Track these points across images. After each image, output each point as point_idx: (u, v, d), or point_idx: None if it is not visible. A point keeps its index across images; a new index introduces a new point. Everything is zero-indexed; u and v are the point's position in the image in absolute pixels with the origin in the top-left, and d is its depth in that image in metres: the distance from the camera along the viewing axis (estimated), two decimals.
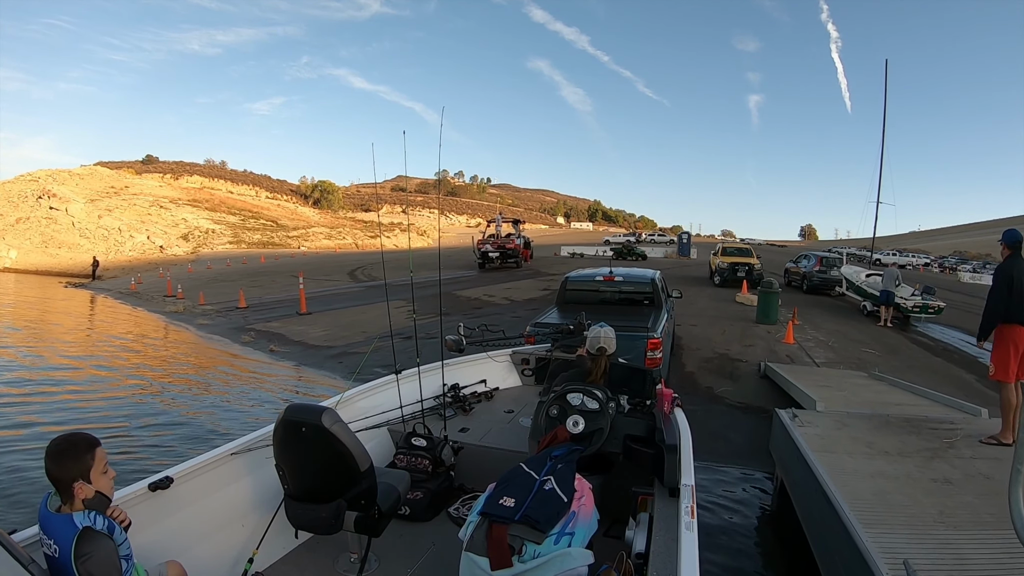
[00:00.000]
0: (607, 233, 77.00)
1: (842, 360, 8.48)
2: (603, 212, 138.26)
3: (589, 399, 2.69)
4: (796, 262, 19.32)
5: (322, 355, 9.20)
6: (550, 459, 2.22)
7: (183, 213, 53.97)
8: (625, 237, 61.84)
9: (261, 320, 13.13)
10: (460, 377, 4.28)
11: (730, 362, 8.05)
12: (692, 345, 8.90)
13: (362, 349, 9.35)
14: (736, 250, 19.93)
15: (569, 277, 7.36)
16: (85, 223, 44.52)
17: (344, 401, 3.28)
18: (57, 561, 1.53)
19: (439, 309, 5.63)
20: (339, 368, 8.34)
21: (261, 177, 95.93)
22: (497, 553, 1.76)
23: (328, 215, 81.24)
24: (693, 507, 1.98)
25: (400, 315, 12.52)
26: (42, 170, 56.12)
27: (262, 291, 18.77)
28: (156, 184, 63.72)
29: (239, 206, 66.05)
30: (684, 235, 39.86)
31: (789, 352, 8.80)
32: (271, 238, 53.28)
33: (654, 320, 5.95)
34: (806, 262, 18.52)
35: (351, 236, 58.79)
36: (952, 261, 49.14)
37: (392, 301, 14.93)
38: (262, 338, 11.01)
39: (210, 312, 15.34)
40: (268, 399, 7.23)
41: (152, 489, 2.17)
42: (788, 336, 9.47)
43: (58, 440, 1.63)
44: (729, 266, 17.87)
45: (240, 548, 2.40)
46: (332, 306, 14.68)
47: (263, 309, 15.02)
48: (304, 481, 2.29)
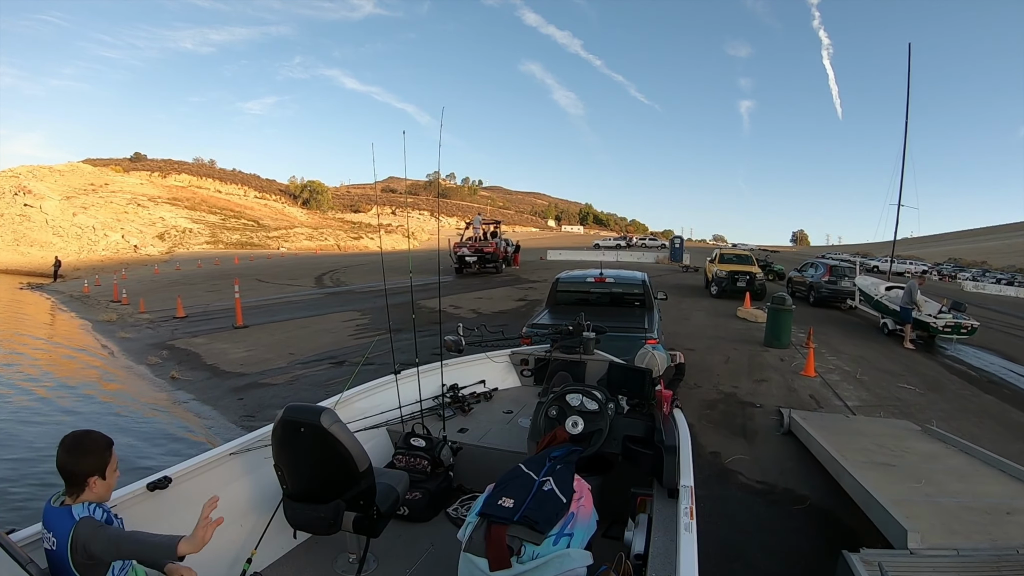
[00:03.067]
0: (598, 236, 75.49)
1: (878, 401, 6.74)
2: (594, 215, 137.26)
3: (588, 400, 2.69)
4: (801, 271, 17.59)
5: (226, 387, 7.33)
6: (549, 460, 2.23)
7: (161, 212, 51.90)
8: (615, 240, 60.55)
9: (188, 334, 11.24)
10: (459, 377, 4.20)
11: (740, 407, 6.23)
12: (690, 378, 7.11)
13: (278, 378, 7.50)
14: (735, 257, 18.10)
15: (560, 278, 7.29)
16: (59, 221, 42.80)
17: (343, 401, 3.25)
18: (55, 554, 1.53)
19: (395, 324, 4.51)
20: (233, 408, 6.47)
21: (250, 176, 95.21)
22: (496, 554, 1.76)
23: (316, 215, 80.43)
24: (692, 508, 1.97)
25: (347, 330, 10.79)
26: (24, 166, 54.61)
27: (217, 296, 16.87)
28: (137, 182, 61.64)
29: (221, 205, 64.06)
30: (676, 239, 37.65)
31: (811, 389, 7.05)
32: (250, 238, 51.16)
33: (649, 321, 5.98)
34: (813, 271, 16.78)
35: (333, 238, 56.69)
36: (948, 268, 47.62)
37: (345, 312, 13.17)
38: (172, 359, 9.13)
39: (143, 322, 13.44)
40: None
41: (150, 489, 2.16)
42: (808, 367, 7.71)
43: (78, 435, 1.65)
44: (728, 275, 16.07)
45: (238, 548, 2.37)
46: (277, 316, 12.79)
47: (201, 320, 13.13)
48: (303, 481, 2.27)
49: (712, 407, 6.22)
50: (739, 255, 18.33)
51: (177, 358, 9.22)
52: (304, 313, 13.13)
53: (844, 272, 15.75)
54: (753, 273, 15.97)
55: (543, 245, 55.01)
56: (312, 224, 66.65)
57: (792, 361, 8.35)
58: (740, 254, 18.49)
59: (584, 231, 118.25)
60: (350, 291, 17.64)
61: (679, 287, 19.37)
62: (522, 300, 14.12)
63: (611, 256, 37.65)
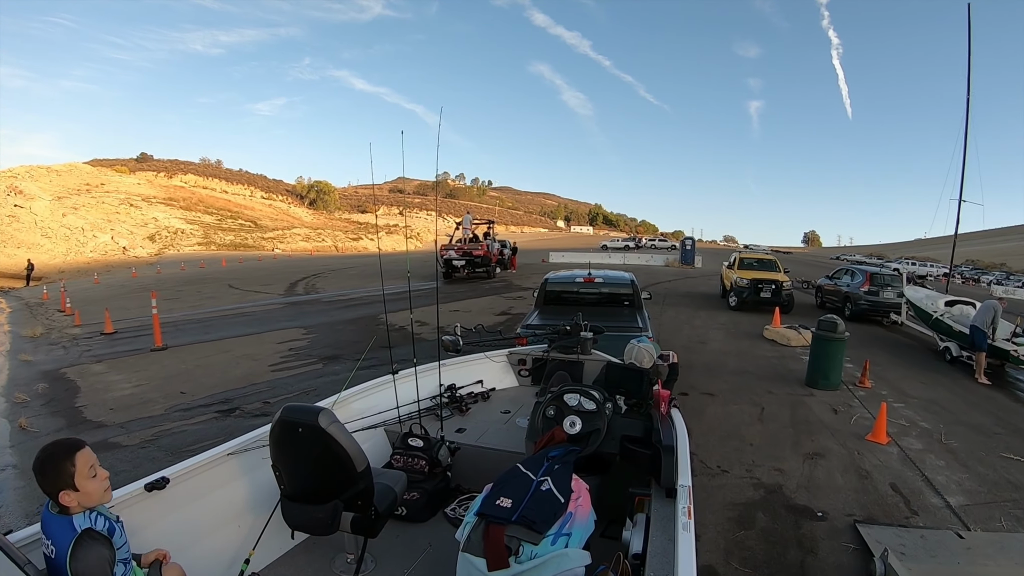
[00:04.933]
0: (607, 237, 73.17)
1: (988, 491, 4.50)
2: (604, 216, 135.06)
3: (586, 400, 2.66)
4: (834, 278, 15.27)
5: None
6: (547, 460, 2.23)
7: (155, 212, 50.51)
8: (624, 241, 58.30)
9: (96, 357, 9.29)
10: (457, 377, 4.09)
11: (791, 520, 3.90)
12: (711, 450, 4.91)
13: (133, 437, 5.43)
14: (757, 262, 15.75)
15: (549, 279, 7.36)
16: (48, 222, 41.47)
17: (341, 401, 3.19)
18: (53, 561, 1.52)
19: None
20: (39, 494, 4.39)
21: (256, 176, 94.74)
22: (494, 554, 1.75)
23: (322, 216, 79.43)
24: (690, 508, 1.96)
25: (274, 356, 8.64)
26: (22, 166, 53.65)
27: (176, 305, 14.95)
28: (135, 182, 60.38)
29: (218, 205, 62.74)
30: (687, 240, 34.93)
31: (890, 471, 4.81)
32: (245, 239, 49.52)
33: (642, 320, 6.21)
34: (849, 279, 14.44)
35: (331, 239, 54.92)
36: (967, 271, 44.44)
37: (289, 329, 11.12)
38: (47, 396, 7.15)
39: (66, 338, 11.54)
40: None
41: (148, 490, 2.14)
42: (877, 430, 5.46)
43: (39, 452, 1.59)
44: (750, 284, 13.80)
45: (236, 549, 2.36)
46: (209, 335, 10.78)
47: (126, 337, 11.17)
48: (300, 482, 2.24)
49: (746, 520, 3.91)
50: (761, 259, 15.97)
51: (53, 394, 7.22)
52: (242, 331, 11.10)
53: (887, 281, 13.41)
54: (780, 282, 13.69)
55: (550, 246, 52.81)
56: (316, 225, 65.32)
57: (850, 414, 6.13)
58: (763, 258, 16.11)
59: (593, 232, 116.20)
60: (317, 300, 15.64)
61: (690, 297, 17.12)
62: (505, 314, 12.02)
63: (618, 258, 35.39)
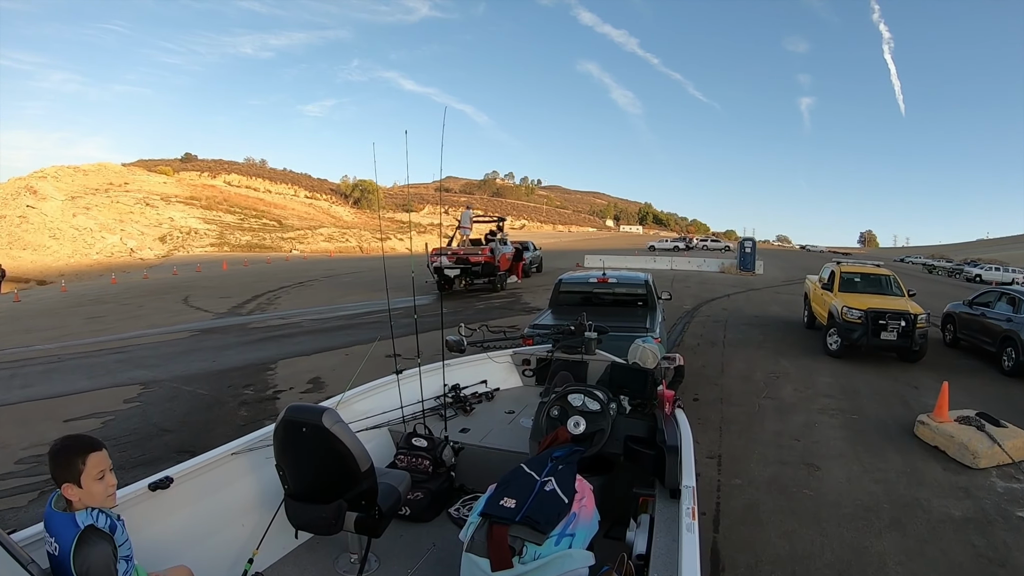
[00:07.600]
0: (656, 237, 67.18)
1: None
2: (654, 215, 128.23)
3: (590, 400, 2.67)
4: (975, 305, 9.88)
5: None
6: (551, 460, 2.22)
7: (171, 212, 48.94)
8: (673, 242, 52.55)
9: None
10: (461, 377, 4.09)
11: None
12: None
13: None
14: (867, 280, 10.41)
15: (562, 279, 7.46)
16: (58, 222, 40.20)
17: (345, 401, 3.20)
18: (57, 559, 1.52)
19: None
20: None
21: (301, 176, 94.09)
22: (498, 554, 1.74)
23: (365, 215, 78.01)
24: (694, 508, 1.96)
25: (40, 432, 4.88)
26: (53, 166, 53.76)
27: (81, 330, 11.35)
28: (161, 180, 59.52)
29: (243, 204, 61.20)
30: (747, 242, 27.78)
31: None
32: (262, 240, 47.13)
33: (651, 320, 6.18)
34: (1010, 310, 9.05)
35: (356, 239, 52.00)
36: None
37: (121, 387, 6.98)
38: None
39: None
40: None
41: (152, 489, 2.12)
42: None
43: (59, 439, 1.60)
44: (868, 319, 8.59)
45: (240, 548, 2.34)
46: (8, 392, 6.85)
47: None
48: (304, 481, 2.24)
49: None
50: (870, 275, 10.60)
51: None
52: (61, 386, 7.01)
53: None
54: (912, 316, 8.52)
55: (595, 247, 47.62)
56: (355, 224, 63.18)
57: None
58: (873, 273, 10.66)
59: (643, 231, 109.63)
60: (244, 325, 11.60)
61: (762, 325, 11.84)
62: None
63: (664, 262, 29.99)
